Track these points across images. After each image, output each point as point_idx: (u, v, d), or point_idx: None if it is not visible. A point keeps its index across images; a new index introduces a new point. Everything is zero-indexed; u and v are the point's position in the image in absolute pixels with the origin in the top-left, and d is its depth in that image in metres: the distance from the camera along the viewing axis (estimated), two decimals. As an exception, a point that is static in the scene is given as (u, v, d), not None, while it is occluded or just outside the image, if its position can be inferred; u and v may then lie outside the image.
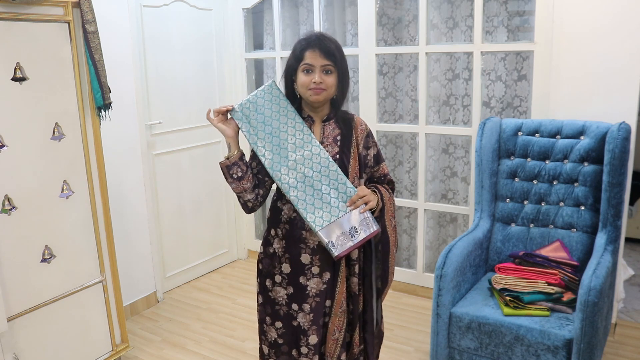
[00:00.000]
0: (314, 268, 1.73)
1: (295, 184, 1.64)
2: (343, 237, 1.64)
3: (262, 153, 1.64)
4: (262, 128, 1.65)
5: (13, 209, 2.11)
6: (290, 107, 1.68)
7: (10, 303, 2.12)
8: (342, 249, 1.64)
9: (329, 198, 1.65)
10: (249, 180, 1.66)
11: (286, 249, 1.75)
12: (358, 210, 1.67)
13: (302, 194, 1.63)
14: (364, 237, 1.67)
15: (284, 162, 1.64)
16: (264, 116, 1.66)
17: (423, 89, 3.12)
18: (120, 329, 2.62)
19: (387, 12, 3.47)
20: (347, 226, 1.66)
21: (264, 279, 1.81)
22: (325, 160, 1.66)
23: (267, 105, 1.67)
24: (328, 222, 1.64)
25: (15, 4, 2.02)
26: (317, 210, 1.64)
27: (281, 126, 1.66)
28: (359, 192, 1.67)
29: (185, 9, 3.46)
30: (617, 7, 2.49)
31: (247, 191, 1.67)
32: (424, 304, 3.25)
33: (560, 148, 2.53)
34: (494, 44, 3.01)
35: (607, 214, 2.36)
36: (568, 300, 2.23)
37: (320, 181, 1.65)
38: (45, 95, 2.18)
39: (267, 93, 1.68)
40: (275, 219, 1.77)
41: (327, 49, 1.64)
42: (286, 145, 1.65)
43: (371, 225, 1.69)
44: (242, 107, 1.66)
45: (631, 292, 3.29)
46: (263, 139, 1.64)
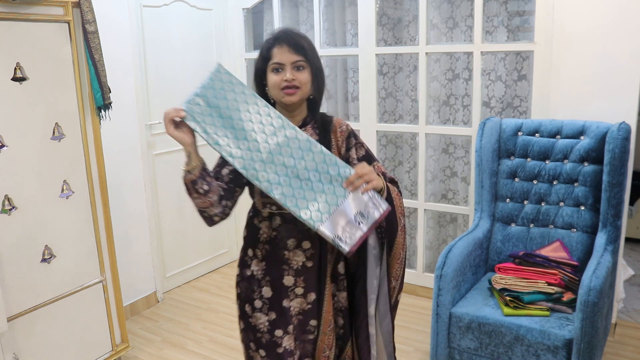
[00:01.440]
0: (297, 289, 1.57)
1: (277, 180, 1.36)
2: (349, 227, 1.37)
3: (228, 153, 1.36)
4: (220, 124, 1.36)
5: (13, 209, 2.11)
6: (249, 90, 1.40)
7: (10, 303, 2.12)
8: (353, 242, 1.37)
9: (321, 186, 1.38)
10: (216, 192, 1.43)
11: (266, 272, 1.57)
12: (359, 191, 1.39)
13: (289, 189, 1.36)
14: (374, 221, 1.39)
15: (256, 157, 1.36)
16: (219, 109, 1.37)
17: (423, 89, 3.12)
18: (120, 329, 2.62)
19: (387, 12, 3.47)
20: (351, 213, 1.38)
21: (243, 304, 1.62)
22: (305, 142, 1.39)
23: (219, 96, 1.38)
24: (327, 213, 1.37)
25: (15, 4, 2.02)
26: (310, 203, 1.36)
27: (243, 115, 1.38)
28: (357, 171, 1.40)
29: (185, 9, 3.46)
30: (617, 7, 2.49)
31: (214, 205, 1.43)
32: (424, 304, 3.25)
33: (560, 148, 2.53)
34: (494, 44, 3.01)
35: (607, 214, 2.36)
36: (568, 300, 2.23)
37: (306, 168, 1.38)
38: (45, 95, 2.18)
39: (216, 80, 1.39)
40: (253, 239, 1.59)
41: (296, 44, 1.46)
42: (254, 136, 1.37)
43: (379, 204, 1.40)
44: (190, 105, 1.36)
45: (631, 292, 3.29)
46: (225, 136, 1.36)
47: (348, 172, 1.40)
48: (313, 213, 1.36)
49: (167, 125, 1.34)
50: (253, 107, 1.39)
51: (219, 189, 1.45)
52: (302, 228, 1.51)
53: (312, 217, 1.36)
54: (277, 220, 1.54)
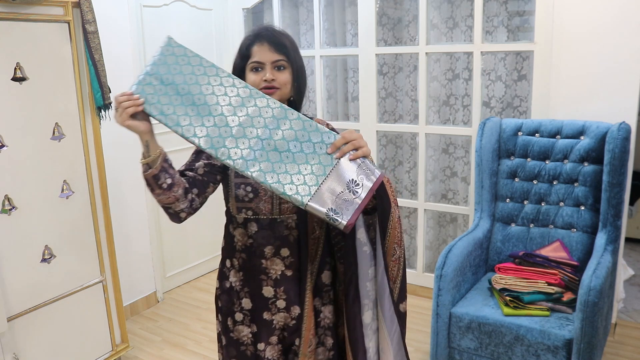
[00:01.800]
0: (279, 302, 1.45)
1: (253, 155, 1.20)
2: (343, 197, 1.18)
3: (192, 133, 1.20)
4: (178, 102, 1.22)
5: (13, 209, 2.11)
6: (207, 62, 1.26)
7: (10, 303, 2.12)
8: (350, 213, 1.18)
9: (303, 156, 1.21)
10: (181, 185, 1.30)
11: (244, 282, 1.47)
12: (347, 157, 1.22)
13: (267, 164, 1.20)
14: (369, 189, 1.21)
15: (225, 133, 1.21)
16: (175, 86, 1.23)
17: (423, 89, 3.12)
18: (120, 329, 2.62)
19: (387, 12, 3.47)
20: (343, 181, 1.20)
21: (226, 318, 1.52)
22: (279, 110, 1.24)
23: (174, 71, 1.24)
24: (315, 185, 1.19)
25: (15, 4, 2.02)
26: (294, 177, 1.19)
27: (204, 89, 1.23)
28: (344, 135, 1.23)
29: (186, 9, 3.46)
30: (617, 7, 2.49)
31: (180, 200, 1.30)
32: (424, 304, 3.25)
33: (560, 148, 2.53)
34: (494, 44, 3.01)
35: (607, 214, 2.36)
36: (568, 300, 2.23)
37: (284, 138, 1.22)
38: (45, 95, 2.18)
39: (169, 55, 1.25)
40: (229, 248, 1.50)
41: (277, 42, 1.36)
42: (220, 110, 1.22)
43: (372, 171, 1.23)
44: (141, 86, 1.23)
45: (631, 292, 3.29)
46: (185, 115, 1.21)
47: (333, 137, 1.24)
48: (299, 187, 1.19)
49: (122, 116, 1.20)
50: (214, 79, 1.25)
51: (182, 181, 1.32)
52: (280, 234, 1.41)
53: (299, 191, 1.19)
54: (253, 227, 1.42)
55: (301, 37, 3.78)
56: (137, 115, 1.22)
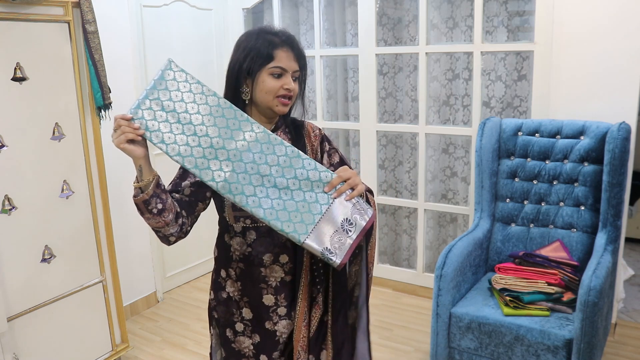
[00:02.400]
0: (280, 309, 1.44)
1: (253, 191, 1.21)
2: (338, 236, 1.22)
3: (194, 165, 1.20)
4: (179, 131, 1.19)
5: (13, 209, 2.11)
6: (209, 91, 1.23)
7: (10, 303, 2.12)
8: (343, 252, 1.22)
9: (302, 194, 1.23)
10: (171, 210, 1.27)
11: (243, 292, 1.45)
12: (343, 197, 1.25)
13: (267, 201, 1.21)
14: (362, 229, 1.25)
15: (226, 167, 1.21)
16: (177, 115, 1.20)
17: (423, 89, 3.12)
18: (120, 329, 2.62)
19: (387, 12, 3.47)
20: (338, 221, 1.23)
21: (223, 330, 1.49)
22: (280, 146, 1.24)
23: (176, 98, 1.20)
24: (312, 224, 1.21)
25: (15, 4, 2.02)
26: (293, 214, 1.21)
27: (206, 120, 1.20)
28: (339, 174, 1.26)
29: (186, 9, 3.46)
30: (616, 7, 2.49)
31: (170, 224, 1.28)
32: (424, 304, 3.25)
33: (560, 148, 2.53)
34: (494, 44, 3.01)
35: (607, 214, 2.36)
36: (568, 300, 2.23)
37: (284, 176, 1.23)
38: (45, 95, 2.18)
39: (170, 80, 1.21)
40: (225, 258, 1.46)
41: (299, 52, 1.36)
42: (222, 144, 1.21)
43: (365, 210, 1.26)
44: (140, 110, 1.19)
45: (631, 292, 3.29)
46: (186, 145, 1.19)
47: (329, 177, 1.25)
48: (297, 225, 1.21)
49: (119, 139, 1.18)
50: (216, 109, 1.22)
51: (174, 206, 1.29)
52: (279, 241, 1.40)
53: (296, 229, 1.21)
54: (252, 235, 1.40)
55: (301, 37, 3.78)
56: (134, 139, 1.20)
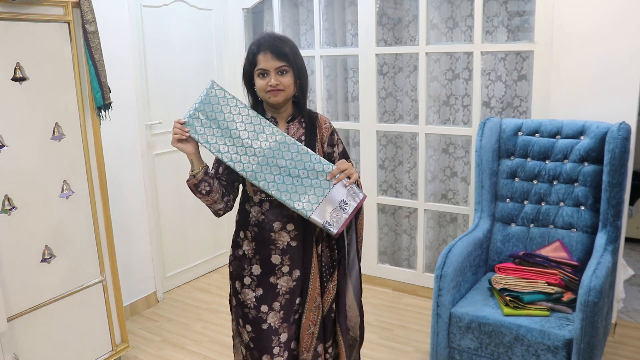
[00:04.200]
0: (284, 267, 1.75)
1: (273, 179, 1.62)
2: (336, 213, 1.64)
3: (230, 159, 1.62)
4: (219, 134, 1.62)
5: (13, 209, 2.11)
6: (241, 104, 1.64)
7: (10, 303, 2.12)
8: (339, 224, 1.64)
9: (309, 181, 1.64)
10: (218, 191, 1.67)
11: (256, 251, 1.75)
12: (341, 183, 1.64)
13: (282, 185, 1.63)
14: (355, 207, 1.67)
15: (254, 161, 1.62)
16: (217, 121, 1.62)
17: (423, 89, 3.12)
18: (120, 329, 2.62)
19: (387, 12, 3.47)
20: (336, 201, 1.64)
21: (234, 281, 1.82)
22: (292, 145, 1.64)
23: (216, 110, 1.62)
24: (316, 203, 1.63)
25: (15, 4, 2.02)
26: (302, 196, 1.63)
27: (238, 126, 1.63)
28: (339, 166, 1.64)
29: (186, 9, 3.46)
30: (617, 7, 2.49)
31: (217, 202, 1.69)
32: (424, 304, 3.25)
33: (560, 148, 2.53)
34: (494, 44, 3.01)
35: (607, 214, 2.36)
36: (568, 300, 2.23)
37: (296, 167, 1.63)
38: (45, 95, 2.18)
39: (212, 96, 1.63)
40: (243, 222, 1.78)
41: (278, 51, 1.61)
42: (250, 143, 1.62)
43: (357, 194, 1.68)
44: (192, 119, 1.62)
45: (631, 292, 3.29)
46: (224, 144, 1.62)
47: (330, 168, 1.65)
48: (305, 204, 1.63)
49: (174, 139, 1.60)
50: (246, 118, 1.64)
51: (220, 189, 1.69)
52: (287, 212, 1.71)
53: (304, 207, 1.63)
54: (266, 206, 1.72)
55: (301, 37, 3.78)
56: (187, 139, 1.60)
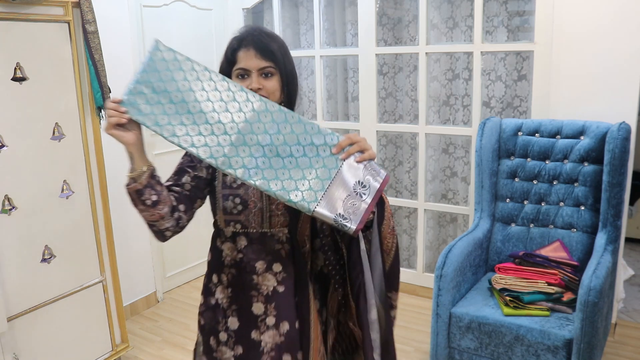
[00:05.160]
0: (268, 319, 1.35)
1: (254, 163, 1.16)
2: (351, 200, 1.16)
3: (190, 143, 1.16)
4: (173, 111, 1.17)
5: (13, 209, 2.11)
6: (199, 66, 1.21)
7: (10, 303, 2.12)
8: (358, 217, 1.16)
9: (307, 160, 1.18)
10: (167, 203, 1.22)
11: (233, 299, 1.38)
12: (353, 158, 1.19)
13: (270, 171, 1.16)
14: (377, 190, 1.18)
15: (224, 142, 1.17)
16: (168, 94, 1.17)
17: (423, 89, 3.12)
18: (120, 329, 2.62)
19: (387, 12, 3.47)
20: (350, 183, 1.17)
21: (207, 337, 1.43)
22: (278, 113, 1.19)
23: (166, 78, 1.18)
24: (321, 190, 1.16)
25: (15, 4, 2.02)
26: (299, 182, 1.16)
27: (199, 95, 1.18)
28: (349, 136, 1.20)
29: (186, 9, 3.46)
30: (617, 7, 2.49)
31: (165, 218, 1.23)
32: (424, 304, 3.25)
33: (560, 148, 2.53)
34: (494, 44, 3.01)
35: (607, 214, 2.36)
36: (568, 300, 2.23)
37: (286, 143, 1.18)
38: (45, 95, 2.18)
39: (159, 61, 1.20)
40: (216, 263, 1.40)
41: (263, 47, 1.28)
42: (217, 117, 1.17)
43: (378, 171, 1.20)
44: (131, 96, 1.17)
45: (631, 292, 3.29)
46: (181, 124, 1.16)
47: (336, 139, 1.20)
48: (305, 193, 1.16)
49: (108, 125, 1.18)
50: (208, 83, 1.19)
51: (170, 199, 1.25)
52: (271, 249, 1.35)
53: (305, 197, 1.16)
54: (242, 241, 1.36)
55: (301, 37, 3.78)
56: (127, 124, 1.17)
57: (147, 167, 1.20)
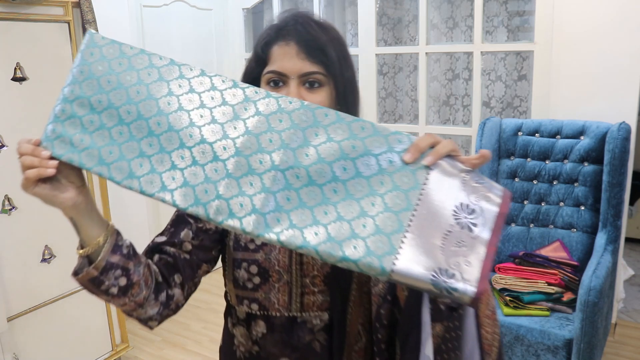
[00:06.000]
0: None
1: (272, 203, 0.68)
2: (454, 239, 0.66)
3: (160, 186, 0.74)
4: (125, 137, 0.74)
5: (13, 209, 2.11)
6: (162, 60, 0.77)
7: (10, 303, 2.12)
8: (477, 268, 0.65)
9: (364, 183, 0.69)
10: (146, 282, 0.83)
11: None
12: (443, 169, 0.70)
13: (302, 212, 0.68)
14: (496, 218, 0.68)
15: (215, 173, 0.70)
16: (115, 110, 0.74)
17: (423, 89, 3.12)
18: (120, 329, 2.62)
19: (387, 12, 3.47)
20: (447, 208, 0.68)
21: None
22: (303, 113, 0.73)
23: (109, 85, 0.75)
24: (400, 231, 0.66)
25: (15, 4, 2.02)
26: (356, 223, 0.67)
27: (163, 104, 0.73)
28: (428, 135, 0.74)
29: (186, 9, 3.47)
30: (617, 7, 2.49)
31: (146, 304, 0.84)
32: (424, 304, 3.25)
33: (560, 148, 2.53)
34: (494, 44, 3.02)
35: (607, 214, 2.36)
36: (568, 300, 2.23)
37: (321, 160, 0.70)
38: (45, 95, 2.18)
39: (97, 61, 0.76)
40: (227, 352, 1.05)
41: (311, 43, 0.85)
42: (198, 135, 0.72)
43: (487, 185, 0.70)
44: (59, 124, 0.80)
45: (631, 292, 3.29)
46: (141, 156, 0.74)
47: (407, 140, 0.75)
48: (370, 241, 0.65)
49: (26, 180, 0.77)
50: (178, 83, 0.74)
51: (149, 272, 0.84)
52: (301, 342, 0.91)
53: (371, 249, 0.65)
54: (260, 327, 0.94)
55: (301, 37, 3.79)
56: (59, 173, 0.75)
57: (105, 235, 0.79)
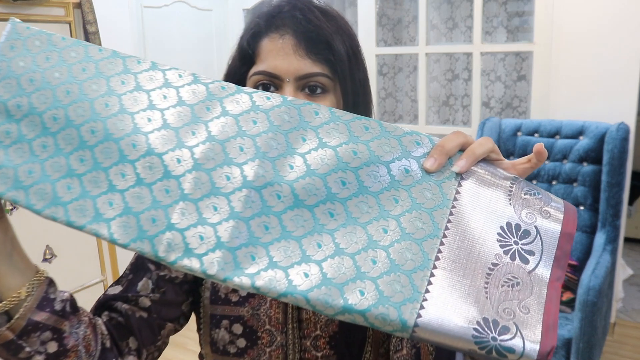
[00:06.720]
0: None
1: (245, 234, 0.49)
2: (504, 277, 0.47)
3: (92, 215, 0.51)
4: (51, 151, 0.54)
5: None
6: (101, 52, 0.63)
7: (12, 303, 2.12)
8: (537, 318, 0.45)
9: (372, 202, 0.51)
10: (88, 348, 0.63)
11: None
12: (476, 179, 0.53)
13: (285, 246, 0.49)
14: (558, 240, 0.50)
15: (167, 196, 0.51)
16: (38, 117, 0.55)
17: (423, 89, 3.12)
18: (121, 328, 2.63)
19: (387, 12, 3.48)
20: (489, 232, 0.49)
21: None
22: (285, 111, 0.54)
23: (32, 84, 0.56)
24: (424, 267, 0.47)
25: (16, 4, 2.03)
26: (363, 259, 0.48)
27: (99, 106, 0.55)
28: (451, 137, 0.59)
29: (186, 9, 3.47)
30: (616, 8, 2.50)
31: None
32: (423, 304, 3.25)
33: (560, 148, 2.54)
34: (493, 44, 3.02)
35: (606, 214, 2.37)
36: (567, 299, 2.23)
37: (315, 174, 0.51)
38: (46, 96, 2.19)
39: (19, 57, 0.57)
40: None
41: (311, 33, 0.65)
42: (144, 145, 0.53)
43: (543, 197, 0.52)
44: None
45: (630, 291, 3.30)
46: (69, 175, 0.53)
47: (429, 142, 0.60)
48: (381, 283, 0.47)
49: None
50: (121, 79, 0.59)
51: (92, 338, 0.64)
52: None
53: (386, 295, 0.46)
54: None
55: (301, 37, 3.79)
56: None
57: (30, 285, 0.58)
